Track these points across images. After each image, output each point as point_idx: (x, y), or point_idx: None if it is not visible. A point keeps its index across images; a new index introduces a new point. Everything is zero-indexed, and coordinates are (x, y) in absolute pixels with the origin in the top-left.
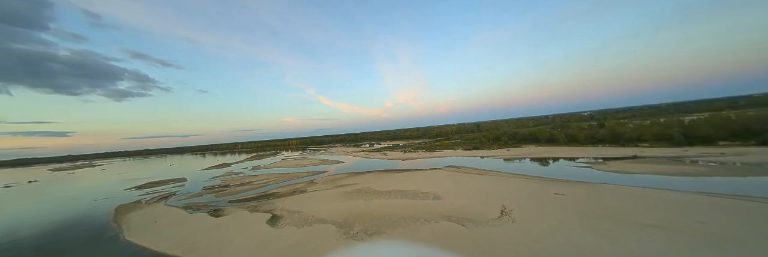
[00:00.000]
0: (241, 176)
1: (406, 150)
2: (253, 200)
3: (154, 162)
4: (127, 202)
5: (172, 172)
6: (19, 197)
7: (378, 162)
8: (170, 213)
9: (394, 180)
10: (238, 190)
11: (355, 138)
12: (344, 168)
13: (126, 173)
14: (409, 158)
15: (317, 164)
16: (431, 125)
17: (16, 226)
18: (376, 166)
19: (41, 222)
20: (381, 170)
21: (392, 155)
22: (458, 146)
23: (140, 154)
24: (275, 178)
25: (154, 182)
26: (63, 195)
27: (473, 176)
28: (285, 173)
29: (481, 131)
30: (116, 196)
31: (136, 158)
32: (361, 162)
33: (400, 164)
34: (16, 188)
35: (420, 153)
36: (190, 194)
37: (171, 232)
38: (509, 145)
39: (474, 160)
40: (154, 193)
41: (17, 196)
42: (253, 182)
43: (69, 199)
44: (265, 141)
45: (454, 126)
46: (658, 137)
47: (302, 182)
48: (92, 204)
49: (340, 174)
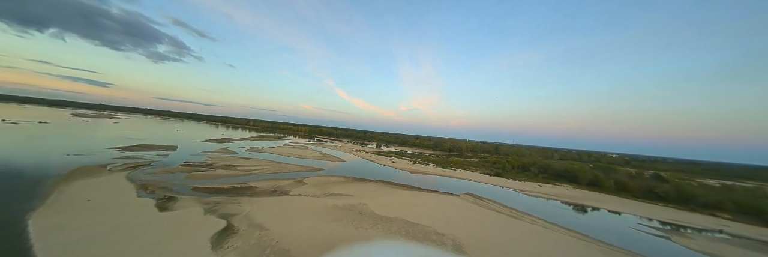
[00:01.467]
0: (230, 157)
1: (415, 160)
2: (221, 192)
3: (167, 125)
4: (93, 164)
5: (172, 138)
6: (8, 135)
7: (382, 169)
8: (117, 190)
9: (399, 201)
10: (215, 174)
11: (364, 136)
12: (343, 169)
13: (129, 131)
14: (419, 171)
15: (316, 157)
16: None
17: None
18: (379, 173)
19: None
20: (385, 182)
21: (399, 163)
22: (476, 167)
23: (162, 115)
24: (264, 167)
25: (143, 146)
26: (48, 141)
27: (502, 218)
28: (277, 163)
29: (499, 154)
30: (93, 154)
31: (157, 118)
32: (363, 165)
33: (408, 178)
34: (19, 126)
35: (431, 168)
36: (165, 167)
37: (87, 222)
38: (540, 179)
39: (499, 191)
40: (130, 158)
41: (7, 134)
42: (238, 167)
43: (47, 147)
44: (276, 123)
45: (469, 143)
46: (742, 209)
47: (289, 180)
48: (59, 159)
49: (335, 176)
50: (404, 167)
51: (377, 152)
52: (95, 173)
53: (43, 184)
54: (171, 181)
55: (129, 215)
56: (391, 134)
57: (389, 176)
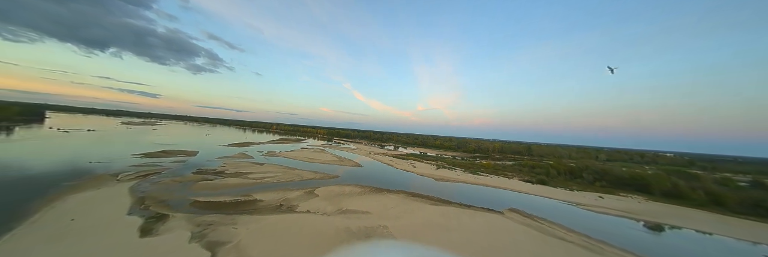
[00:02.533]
0: (245, 163)
1: (438, 164)
2: (220, 208)
3: (200, 130)
4: (107, 173)
5: (197, 143)
6: (51, 142)
7: (402, 175)
8: (111, 206)
9: (426, 220)
10: (222, 184)
11: (381, 138)
12: (360, 175)
13: (162, 137)
14: (445, 177)
15: (332, 162)
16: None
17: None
18: (399, 181)
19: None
20: (407, 193)
21: (421, 167)
22: (512, 173)
23: (198, 121)
24: (276, 174)
25: (166, 152)
26: (82, 149)
27: (574, 250)
28: (290, 169)
29: (533, 155)
30: (115, 161)
31: (193, 124)
32: (381, 170)
33: (433, 187)
34: (69, 134)
35: (458, 173)
36: (175, 176)
37: (50, 252)
38: (597, 188)
39: (551, 206)
40: (148, 165)
41: (49, 142)
42: (249, 175)
43: (77, 155)
44: (296, 126)
45: (496, 143)
46: None
47: (300, 190)
48: (79, 167)
49: (351, 185)
50: (427, 172)
51: (396, 154)
52: (102, 184)
53: (44, 197)
54: (173, 193)
55: (104, 242)
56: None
57: (411, 185)
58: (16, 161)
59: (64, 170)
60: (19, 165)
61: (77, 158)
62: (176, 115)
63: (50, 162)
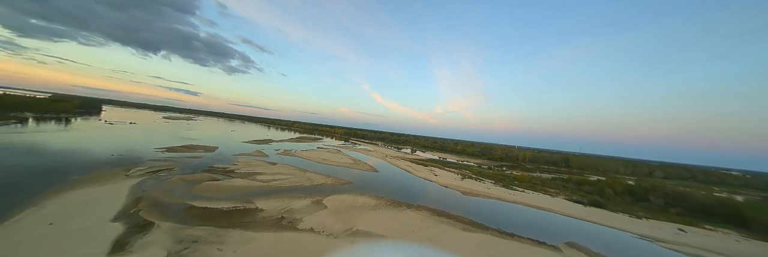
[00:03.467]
0: (258, 161)
1: (463, 173)
2: (213, 219)
3: (229, 126)
4: (120, 167)
5: (221, 138)
6: (87, 133)
7: (423, 185)
8: (100, 208)
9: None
10: (228, 186)
11: (398, 140)
12: (375, 182)
13: (191, 132)
14: (473, 191)
15: (346, 164)
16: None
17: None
18: (420, 192)
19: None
20: (431, 211)
21: (444, 175)
22: (554, 189)
23: (230, 118)
24: (285, 176)
25: (188, 147)
26: (114, 140)
27: None
28: (302, 171)
29: (571, 168)
30: (135, 154)
31: (225, 120)
32: (399, 177)
33: (461, 203)
34: (113, 126)
35: (488, 186)
36: (184, 174)
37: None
38: (672, 216)
39: (615, 236)
40: (163, 161)
41: (88, 133)
42: (258, 176)
43: (105, 146)
44: (316, 125)
45: (526, 151)
46: None
47: (307, 199)
48: (97, 159)
49: (365, 195)
50: (451, 183)
51: (414, 159)
52: (110, 179)
53: (44, 192)
54: (173, 194)
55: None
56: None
57: (434, 199)
58: (44, 150)
59: (82, 161)
60: (43, 154)
61: (102, 149)
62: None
63: (75, 152)
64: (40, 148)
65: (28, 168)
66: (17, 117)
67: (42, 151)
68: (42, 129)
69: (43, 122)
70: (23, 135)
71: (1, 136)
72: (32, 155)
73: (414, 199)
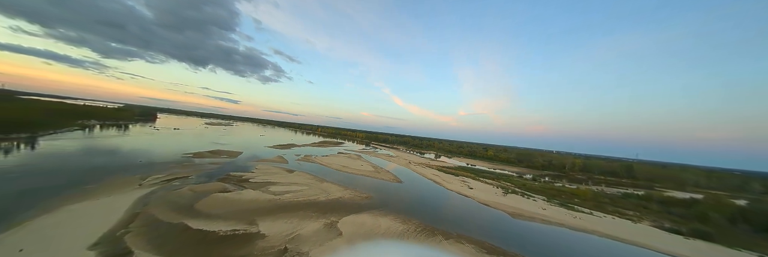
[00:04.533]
0: (276, 168)
1: (503, 186)
2: (206, 244)
3: (260, 130)
4: (137, 176)
5: (248, 143)
6: (132, 139)
7: (459, 202)
8: (88, 228)
9: None
10: (235, 200)
11: (420, 144)
12: (400, 197)
13: (224, 136)
14: (525, 213)
15: (367, 173)
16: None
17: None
18: (457, 212)
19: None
20: (479, 245)
21: (481, 189)
22: (631, 210)
23: (263, 123)
24: (300, 187)
25: (213, 152)
26: (148, 146)
27: None
28: (319, 181)
29: (637, 179)
30: (162, 161)
31: (259, 125)
32: (427, 190)
33: (513, 231)
34: (158, 132)
35: (543, 206)
36: (197, 183)
37: None
38: None
39: None
40: (184, 167)
41: (133, 138)
42: (272, 187)
43: (137, 152)
44: (339, 129)
45: (576, 158)
46: None
47: (318, 221)
48: (123, 166)
49: (388, 217)
50: (493, 199)
51: (440, 166)
52: (120, 189)
53: (45, 204)
54: (174, 210)
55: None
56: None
57: (477, 223)
58: (82, 154)
59: (109, 166)
60: (77, 159)
61: (136, 154)
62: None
63: (110, 157)
64: (79, 152)
65: (53, 173)
66: (82, 124)
67: (79, 156)
68: (97, 135)
69: (104, 128)
70: (76, 140)
71: (55, 141)
72: (67, 160)
73: (450, 223)
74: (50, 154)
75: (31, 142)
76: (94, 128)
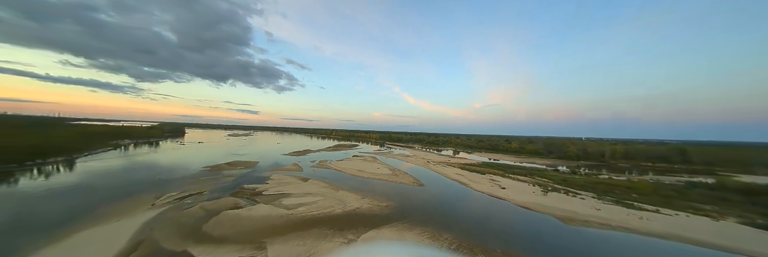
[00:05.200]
0: (291, 177)
1: (540, 183)
2: None
3: (277, 138)
4: (151, 194)
5: (265, 152)
6: (157, 155)
7: (493, 206)
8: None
9: None
10: (245, 217)
11: (436, 141)
12: (423, 204)
13: (243, 146)
14: (576, 216)
15: (384, 177)
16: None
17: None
18: (495, 220)
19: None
20: None
21: (513, 188)
22: (710, 205)
23: (280, 131)
24: (315, 198)
25: (230, 164)
26: (170, 161)
27: None
28: (335, 189)
29: (689, 163)
30: (180, 176)
31: (277, 133)
32: (453, 193)
33: (567, 237)
34: (184, 146)
35: (594, 205)
36: (211, 199)
37: None
38: None
39: None
40: (200, 182)
41: (158, 155)
42: (284, 200)
43: (158, 168)
44: (352, 131)
45: (615, 145)
46: None
47: (334, 241)
48: (143, 182)
49: (415, 230)
50: (533, 200)
51: (462, 164)
52: (130, 212)
53: (50, 235)
54: (180, 234)
55: None
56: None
57: (522, 233)
58: (104, 175)
59: (125, 186)
60: (95, 181)
61: (154, 171)
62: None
63: (127, 176)
64: (102, 173)
65: (70, 196)
66: (116, 144)
67: (100, 177)
68: (128, 153)
69: (137, 147)
70: (105, 161)
71: (86, 163)
72: (87, 182)
73: (489, 235)
74: (75, 176)
75: (67, 164)
76: (128, 147)
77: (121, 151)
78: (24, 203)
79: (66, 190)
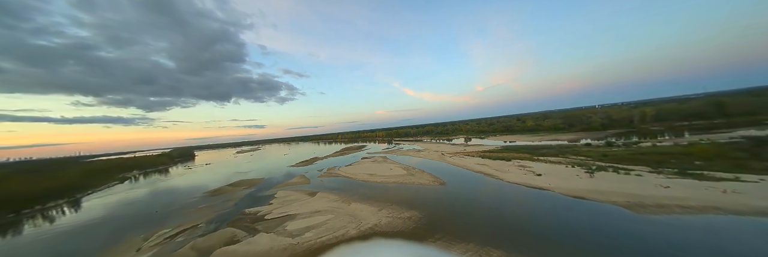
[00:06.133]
0: (298, 193)
1: (577, 162)
2: None
3: (284, 149)
4: (142, 235)
5: (271, 165)
6: (160, 185)
7: (534, 199)
8: None
9: None
10: (241, 254)
11: (444, 130)
12: (454, 210)
13: (248, 163)
14: (646, 200)
15: (399, 179)
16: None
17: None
18: (543, 219)
19: None
20: None
21: (551, 173)
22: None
23: (287, 141)
24: (324, 217)
25: (234, 185)
26: (172, 191)
27: None
28: (346, 202)
29: (728, 116)
30: (178, 207)
31: (283, 144)
32: (484, 189)
33: (651, 233)
34: (191, 170)
35: (660, 181)
36: (206, 233)
37: None
38: None
39: None
40: (197, 212)
41: (161, 183)
42: (288, 225)
43: (157, 200)
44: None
45: (644, 108)
46: None
47: None
48: (138, 219)
49: (453, 250)
50: (582, 186)
51: (482, 152)
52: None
53: None
54: None
55: None
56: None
57: (595, 236)
58: (93, 218)
59: (114, 228)
60: (85, 225)
61: (152, 204)
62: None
63: (121, 214)
64: (96, 214)
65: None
66: (123, 177)
67: (92, 219)
68: (134, 186)
69: (147, 176)
70: (106, 198)
71: (88, 202)
72: (77, 228)
73: (549, 242)
74: (66, 221)
75: (68, 206)
76: (137, 178)
77: (128, 183)
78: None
79: (49, 242)
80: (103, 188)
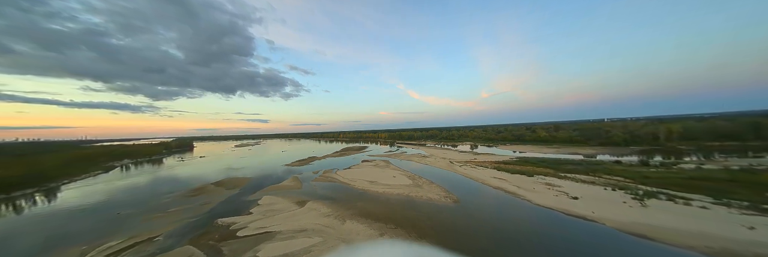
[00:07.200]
0: (284, 200)
1: (625, 187)
2: None
3: (284, 145)
4: (89, 244)
5: (266, 162)
6: (147, 177)
7: (589, 237)
8: None
9: None
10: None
11: (448, 135)
12: (472, 243)
13: (243, 158)
14: (733, 246)
15: (403, 190)
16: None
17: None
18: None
19: None
20: None
21: (590, 196)
22: None
23: (289, 137)
24: (311, 239)
25: (220, 183)
26: (151, 184)
27: None
28: (340, 220)
29: (765, 139)
30: (144, 208)
31: (284, 140)
32: (509, 213)
33: None
34: (183, 162)
35: (738, 219)
36: (157, 252)
37: None
38: None
39: None
40: (165, 217)
41: (149, 175)
42: (258, 253)
43: (133, 195)
44: (360, 132)
45: (669, 125)
46: None
47: None
48: (92, 223)
49: None
50: (642, 219)
51: (494, 162)
52: None
53: None
54: None
55: None
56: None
57: None
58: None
59: (59, 235)
60: (33, 222)
61: (121, 202)
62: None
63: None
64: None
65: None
66: (110, 166)
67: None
68: (115, 177)
69: (138, 166)
70: (78, 189)
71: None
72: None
73: None
74: (14, 217)
75: (27, 198)
76: (126, 168)
77: (112, 173)
78: None
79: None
80: (84, 178)
